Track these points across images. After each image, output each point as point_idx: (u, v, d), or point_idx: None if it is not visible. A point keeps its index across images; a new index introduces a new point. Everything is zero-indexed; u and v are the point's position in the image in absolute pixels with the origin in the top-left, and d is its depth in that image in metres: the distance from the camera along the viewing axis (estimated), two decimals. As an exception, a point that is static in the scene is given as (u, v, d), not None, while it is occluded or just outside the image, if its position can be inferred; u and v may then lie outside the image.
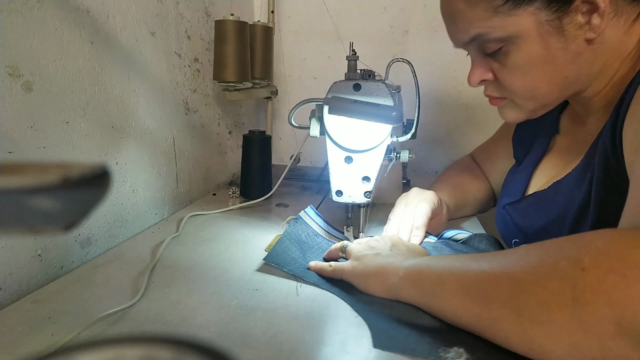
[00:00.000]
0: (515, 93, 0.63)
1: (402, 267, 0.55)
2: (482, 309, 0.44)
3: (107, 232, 0.74)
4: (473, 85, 0.67)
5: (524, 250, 0.44)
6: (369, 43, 1.35)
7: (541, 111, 0.66)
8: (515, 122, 0.70)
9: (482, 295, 0.44)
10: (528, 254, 0.43)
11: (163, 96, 0.89)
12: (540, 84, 0.61)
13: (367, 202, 0.74)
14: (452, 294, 0.48)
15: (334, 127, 0.70)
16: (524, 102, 0.64)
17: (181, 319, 0.53)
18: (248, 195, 1.02)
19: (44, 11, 0.59)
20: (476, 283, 0.45)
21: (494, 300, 0.43)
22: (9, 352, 0.45)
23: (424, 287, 0.52)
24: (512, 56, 0.60)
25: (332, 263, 0.64)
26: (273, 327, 0.52)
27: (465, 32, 0.62)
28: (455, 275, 0.48)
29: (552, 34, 0.57)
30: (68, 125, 0.64)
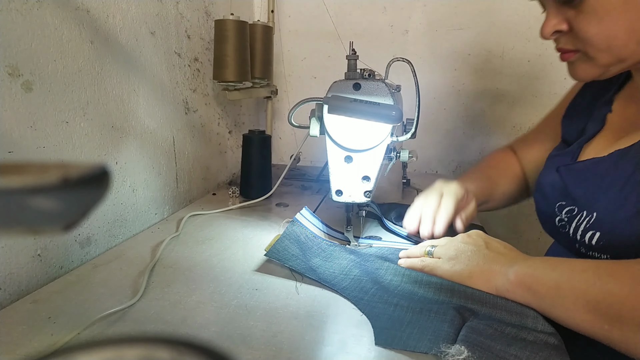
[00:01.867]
0: (590, 42, 0.60)
1: (511, 270, 0.55)
2: (612, 327, 0.45)
3: (107, 232, 0.74)
4: (546, 37, 0.64)
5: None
6: (369, 43, 1.35)
7: (615, 67, 0.63)
8: (586, 79, 0.66)
9: (613, 315, 0.45)
10: None
11: (163, 96, 0.89)
12: (618, 33, 0.58)
13: (367, 201, 0.74)
14: (575, 307, 0.48)
15: (333, 126, 0.69)
16: (598, 53, 0.61)
17: (181, 319, 0.53)
18: (248, 195, 1.02)
19: (44, 11, 0.59)
20: (602, 301, 0.46)
21: (628, 322, 0.43)
22: (9, 352, 0.45)
23: (539, 294, 0.52)
24: (590, 1, 0.57)
25: (424, 259, 0.64)
26: (273, 327, 0.52)
27: None
28: (576, 290, 0.48)
29: None
30: (68, 125, 0.64)
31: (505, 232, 1.42)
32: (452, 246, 0.64)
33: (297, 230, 0.74)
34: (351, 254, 0.71)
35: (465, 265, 0.59)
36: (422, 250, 0.67)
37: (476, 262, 0.59)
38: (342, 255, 0.70)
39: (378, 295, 0.58)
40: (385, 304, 0.55)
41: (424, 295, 0.58)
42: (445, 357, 0.45)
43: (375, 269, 0.66)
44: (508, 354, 0.45)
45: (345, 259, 0.69)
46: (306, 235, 0.74)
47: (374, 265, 0.68)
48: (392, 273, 0.64)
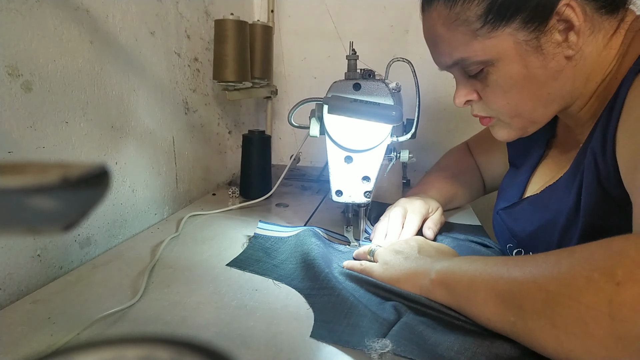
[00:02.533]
0: (500, 111, 0.64)
1: (433, 270, 0.56)
2: (517, 318, 0.44)
3: (107, 232, 0.74)
4: (459, 106, 0.68)
5: (554, 258, 0.43)
6: (369, 43, 1.35)
7: (531, 128, 0.67)
8: (508, 140, 0.70)
9: (516, 305, 0.44)
10: (559, 262, 0.42)
11: (163, 96, 0.89)
12: (523, 102, 0.62)
13: (367, 202, 0.74)
14: (485, 301, 0.48)
15: (333, 126, 0.69)
16: (510, 120, 0.65)
17: (181, 319, 0.53)
18: (248, 195, 1.02)
19: (44, 11, 0.59)
20: (509, 292, 0.45)
21: (529, 311, 0.43)
22: (9, 352, 0.45)
23: (456, 291, 0.52)
24: (493, 77, 0.61)
25: (363, 262, 0.66)
26: (273, 327, 0.52)
27: (447, 56, 0.63)
28: (487, 282, 0.48)
29: (531, 53, 0.58)
30: (68, 125, 0.64)
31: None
32: (390, 250, 0.65)
33: (261, 241, 0.75)
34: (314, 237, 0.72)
35: (395, 270, 0.60)
36: (366, 249, 0.68)
37: (407, 265, 0.60)
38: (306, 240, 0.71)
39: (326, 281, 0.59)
40: (329, 296, 0.57)
41: (366, 292, 0.60)
42: (369, 351, 0.46)
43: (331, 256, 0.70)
44: (434, 351, 0.46)
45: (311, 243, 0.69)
46: (271, 242, 0.75)
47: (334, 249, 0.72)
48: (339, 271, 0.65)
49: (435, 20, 0.62)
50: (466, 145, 1.05)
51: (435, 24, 0.62)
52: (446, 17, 0.60)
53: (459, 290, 0.52)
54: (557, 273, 0.41)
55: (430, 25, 0.63)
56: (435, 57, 0.67)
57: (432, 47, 0.66)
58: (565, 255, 0.42)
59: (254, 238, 0.76)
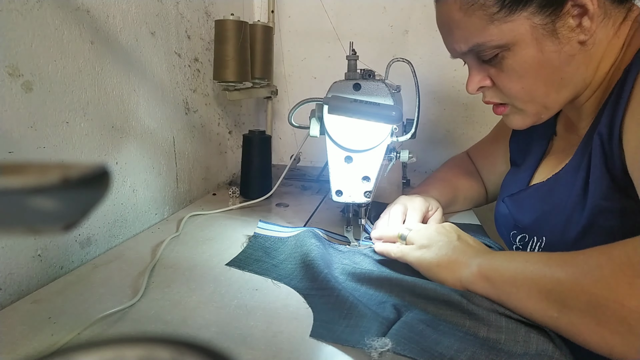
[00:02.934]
0: (515, 97, 0.65)
1: (474, 262, 0.57)
2: (560, 313, 0.47)
3: (107, 232, 0.74)
4: (472, 93, 0.68)
5: (595, 261, 0.46)
6: (369, 43, 1.35)
7: (544, 115, 0.67)
8: (523, 128, 0.70)
9: (560, 302, 0.47)
10: (600, 266, 0.45)
11: (163, 96, 0.89)
12: (538, 87, 0.63)
13: (367, 201, 0.74)
14: (527, 296, 0.50)
15: (333, 126, 0.69)
16: (524, 105, 0.65)
17: (181, 319, 0.53)
18: (248, 195, 1.02)
19: (44, 11, 0.59)
20: (553, 290, 0.47)
21: (573, 309, 0.45)
22: (9, 352, 0.45)
23: (498, 285, 0.53)
24: (508, 61, 0.61)
25: (399, 246, 0.66)
26: (273, 327, 0.52)
27: (463, 42, 0.63)
28: (530, 279, 0.50)
29: (547, 37, 0.59)
30: (68, 125, 0.64)
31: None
32: (426, 234, 0.66)
33: (261, 240, 0.75)
34: (314, 238, 0.71)
35: (434, 255, 0.61)
36: (396, 233, 0.69)
37: (445, 252, 0.61)
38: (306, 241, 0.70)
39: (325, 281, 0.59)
40: (329, 297, 0.57)
41: (366, 291, 0.59)
42: (369, 349, 0.46)
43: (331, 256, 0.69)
44: (434, 350, 0.47)
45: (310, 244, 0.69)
46: (271, 242, 0.75)
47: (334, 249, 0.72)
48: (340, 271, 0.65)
49: (451, 6, 0.62)
50: (466, 154, 1.05)
51: (451, 9, 0.62)
52: (462, 2, 0.60)
53: (501, 285, 0.53)
54: (600, 276, 0.44)
55: (446, 12, 0.63)
56: (449, 44, 0.67)
57: (447, 34, 0.66)
58: (606, 259, 0.45)
59: (253, 238, 0.76)
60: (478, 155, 1.01)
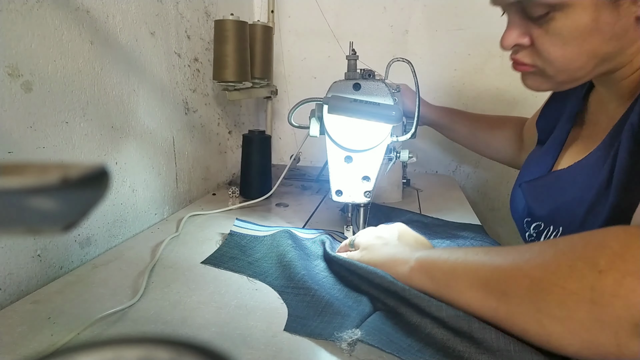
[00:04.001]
0: (551, 63, 0.60)
1: (412, 258, 0.56)
2: (499, 303, 0.45)
3: (107, 232, 0.74)
4: (506, 48, 0.63)
5: (537, 248, 0.45)
6: (369, 43, 1.35)
7: (568, 85, 0.63)
8: (537, 91, 0.66)
9: (499, 291, 0.45)
10: (543, 251, 0.43)
11: (163, 96, 0.89)
12: (579, 57, 0.58)
13: (367, 201, 0.74)
14: (466, 287, 0.48)
15: (333, 126, 0.69)
16: (556, 73, 0.61)
17: (181, 319, 0.53)
18: (248, 195, 1.02)
19: (44, 11, 0.59)
20: (492, 278, 0.46)
21: (512, 296, 0.44)
22: (9, 352, 0.45)
23: (436, 278, 0.52)
24: (558, 23, 0.56)
25: (347, 253, 0.66)
26: (273, 327, 0.52)
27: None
28: (469, 269, 0.49)
29: (607, 7, 0.53)
30: (68, 125, 0.64)
31: (506, 233, 1.42)
32: (369, 236, 0.66)
33: (237, 238, 0.75)
34: (290, 239, 0.72)
35: (374, 255, 0.61)
36: (347, 242, 0.69)
37: (385, 251, 0.61)
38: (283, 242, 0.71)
39: (302, 282, 0.60)
40: (304, 296, 0.57)
41: (342, 289, 0.60)
42: (339, 341, 0.47)
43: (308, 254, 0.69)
44: (403, 342, 0.47)
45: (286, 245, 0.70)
46: (247, 240, 0.75)
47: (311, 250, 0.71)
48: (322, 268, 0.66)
49: None
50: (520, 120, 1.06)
51: None
52: None
53: (439, 277, 0.52)
54: (542, 261, 0.43)
55: None
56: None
57: None
58: (549, 246, 0.44)
59: (229, 235, 0.76)
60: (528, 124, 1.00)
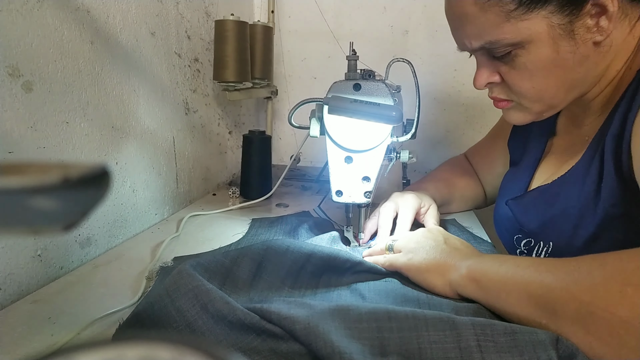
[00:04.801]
0: (524, 95, 0.63)
1: (463, 265, 0.56)
2: (549, 321, 0.46)
3: (107, 232, 0.74)
4: (479, 88, 0.66)
5: (586, 267, 0.44)
6: (369, 43, 1.35)
7: (547, 113, 0.66)
8: (521, 124, 0.69)
9: (549, 309, 0.45)
10: (591, 272, 0.43)
11: (163, 96, 0.89)
12: (548, 86, 0.61)
13: (367, 202, 0.74)
14: (516, 301, 0.49)
15: (334, 127, 0.69)
16: (531, 104, 0.64)
17: (181, 319, 0.52)
18: (248, 195, 1.02)
19: (44, 11, 0.59)
20: (542, 296, 0.46)
21: (562, 317, 0.44)
22: (9, 352, 0.45)
23: (487, 288, 0.53)
24: (521, 59, 0.59)
25: (386, 255, 0.65)
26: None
27: (475, 38, 0.61)
28: (519, 284, 0.49)
29: (563, 38, 0.56)
30: (68, 125, 0.64)
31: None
32: (413, 239, 0.65)
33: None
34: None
35: (422, 259, 0.60)
36: (383, 246, 0.68)
37: (433, 256, 0.60)
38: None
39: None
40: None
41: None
42: None
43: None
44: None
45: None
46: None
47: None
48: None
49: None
50: (464, 156, 1.04)
51: (465, 2, 0.59)
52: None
53: (490, 288, 0.52)
54: (591, 284, 0.43)
55: (458, 4, 0.60)
56: (459, 38, 0.64)
57: (457, 27, 0.63)
58: (597, 266, 0.44)
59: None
60: (476, 156, 1.00)
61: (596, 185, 0.59)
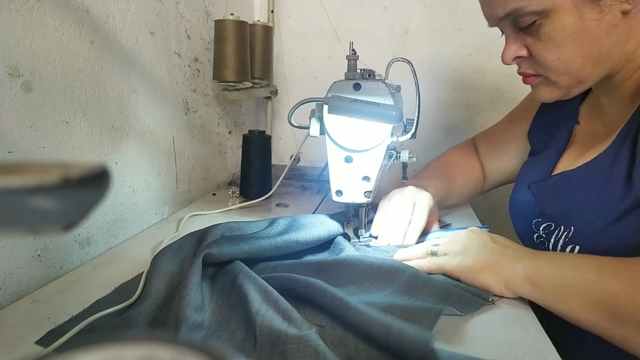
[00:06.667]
0: (550, 68, 0.63)
1: (518, 265, 0.56)
2: (613, 325, 0.46)
3: (107, 232, 0.74)
4: (507, 63, 0.66)
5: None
6: (369, 43, 1.35)
7: (576, 89, 0.65)
8: (550, 101, 0.68)
9: (613, 315, 0.46)
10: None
11: (163, 96, 0.89)
12: (575, 58, 0.60)
13: (367, 202, 0.74)
14: (579, 306, 0.49)
15: (333, 126, 0.69)
16: (558, 77, 0.63)
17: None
18: (248, 195, 1.02)
19: (44, 11, 0.59)
20: (605, 302, 0.47)
21: (627, 322, 0.45)
22: (9, 352, 0.45)
23: (545, 290, 0.53)
24: (546, 29, 0.59)
25: (429, 258, 0.63)
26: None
27: (500, 7, 0.61)
28: (580, 288, 0.49)
29: (587, 5, 0.56)
30: (68, 125, 0.64)
31: (506, 233, 1.42)
32: (458, 242, 0.63)
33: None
34: None
35: (474, 260, 0.59)
36: (424, 251, 0.65)
37: (485, 255, 0.59)
38: None
39: None
40: None
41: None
42: None
43: None
44: None
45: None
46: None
47: None
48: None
49: None
50: (472, 142, 1.01)
51: None
52: None
53: (549, 290, 0.52)
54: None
55: None
56: (487, 9, 0.65)
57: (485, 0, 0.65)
58: None
59: None
60: (485, 144, 0.98)
61: (626, 172, 0.58)
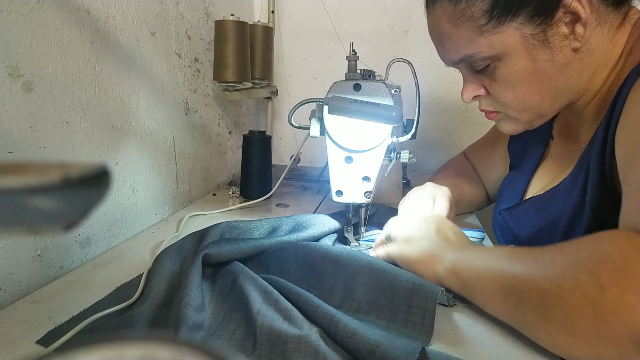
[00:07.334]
0: (508, 106, 0.64)
1: (447, 258, 0.57)
2: (516, 311, 0.47)
3: (107, 232, 0.74)
4: (467, 102, 0.68)
5: (549, 257, 0.45)
6: (369, 43, 1.35)
7: (538, 122, 0.67)
8: (513, 134, 0.70)
9: (516, 300, 0.47)
10: (553, 262, 0.44)
11: (163, 96, 0.89)
12: (532, 96, 0.62)
13: (367, 202, 0.74)
14: (490, 293, 0.50)
15: (334, 127, 0.69)
16: (518, 114, 0.65)
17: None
18: (248, 195, 1.02)
19: (44, 11, 0.59)
20: (509, 286, 0.47)
21: (526, 306, 0.45)
22: (9, 352, 0.45)
23: (465, 281, 0.53)
24: (501, 71, 0.61)
25: (383, 246, 0.66)
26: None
27: (453, 53, 0.63)
28: (491, 275, 0.50)
29: (538, 47, 0.57)
30: (68, 125, 0.64)
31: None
32: (406, 229, 0.65)
33: None
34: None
35: (413, 251, 0.61)
36: (382, 238, 0.68)
37: (424, 247, 0.60)
38: None
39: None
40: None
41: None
42: None
43: None
44: None
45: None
46: None
47: None
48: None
49: (440, 18, 0.62)
50: (464, 156, 1.03)
51: (440, 21, 0.62)
52: (451, 13, 0.60)
53: (469, 281, 0.53)
54: (551, 273, 0.43)
55: (435, 23, 0.63)
56: (442, 54, 0.67)
57: (438, 44, 0.66)
58: (560, 255, 0.44)
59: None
60: (476, 157, 0.99)
61: (581, 197, 0.59)
